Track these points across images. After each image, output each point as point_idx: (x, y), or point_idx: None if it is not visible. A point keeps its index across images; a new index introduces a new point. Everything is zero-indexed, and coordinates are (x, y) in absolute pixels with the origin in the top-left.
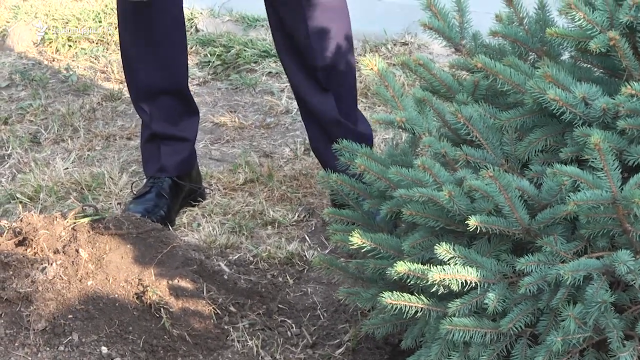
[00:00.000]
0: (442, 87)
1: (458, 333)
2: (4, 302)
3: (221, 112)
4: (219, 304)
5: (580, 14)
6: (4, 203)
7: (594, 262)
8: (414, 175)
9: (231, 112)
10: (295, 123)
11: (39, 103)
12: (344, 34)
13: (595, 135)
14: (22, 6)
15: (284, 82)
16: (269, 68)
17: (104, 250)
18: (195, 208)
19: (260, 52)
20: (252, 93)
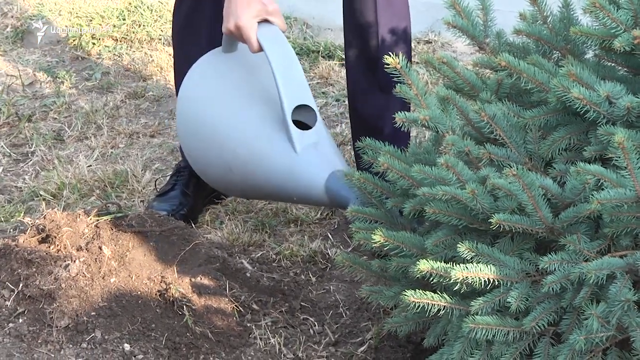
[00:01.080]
0: (465, 86)
1: (481, 331)
2: (27, 299)
3: None
4: (241, 302)
5: (604, 13)
6: (28, 200)
7: (617, 261)
8: (437, 173)
9: None
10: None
11: (63, 100)
12: (408, 34)
13: (619, 134)
14: (46, 4)
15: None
16: None
17: (127, 248)
18: (218, 206)
19: None
20: None
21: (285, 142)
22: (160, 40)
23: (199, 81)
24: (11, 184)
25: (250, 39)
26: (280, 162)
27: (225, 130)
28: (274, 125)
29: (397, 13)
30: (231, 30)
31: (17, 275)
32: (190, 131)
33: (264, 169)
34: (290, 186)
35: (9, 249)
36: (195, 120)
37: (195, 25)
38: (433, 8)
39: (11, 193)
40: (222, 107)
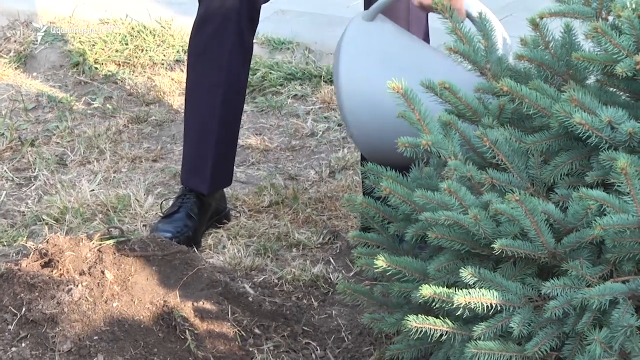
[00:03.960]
0: (467, 111)
1: (483, 357)
2: (29, 323)
3: (247, 135)
4: (243, 326)
5: (606, 38)
6: (30, 224)
7: (619, 287)
8: (439, 198)
9: (257, 135)
10: (320, 146)
11: (65, 125)
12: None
13: (621, 160)
14: (50, 28)
15: (309, 105)
16: (294, 91)
17: (130, 272)
18: (220, 230)
19: (286, 75)
20: (277, 116)
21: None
22: (163, 65)
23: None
24: (14, 208)
25: (462, 8)
26: None
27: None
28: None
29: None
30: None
31: (20, 299)
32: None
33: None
34: None
35: (12, 273)
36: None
37: (214, 55)
38: (435, 33)
39: (14, 217)
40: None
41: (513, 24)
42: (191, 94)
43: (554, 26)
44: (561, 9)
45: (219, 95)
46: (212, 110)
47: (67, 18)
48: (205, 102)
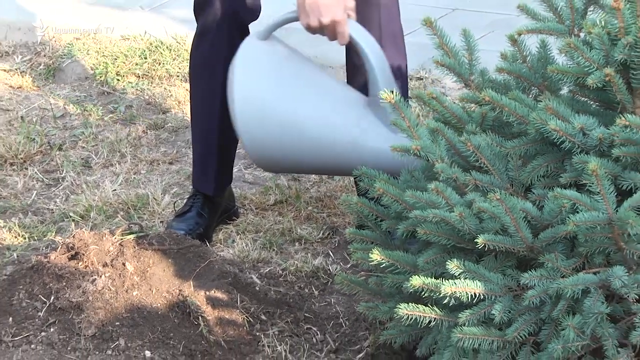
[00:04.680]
0: (453, 119)
1: (468, 341)
2: (57, 311)
3: None
4: (251, 313)
5: (578, 53)
6: (58, 221)
7: (591, 277)
8: (428, 198)
9: None
10: None
11: (90, 131)
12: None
13: (592, 163)
14: (76, 44)
15: None
16: None
17: (148, 264)
18: (230, 226)
19: None
20: None
21: (380, 124)
22: (178, 77)
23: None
24: (44, 206)
25: (345, 32)
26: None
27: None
28: (361, 109)
29: (399, 52)
30: (324, 25)
31: (49, 288)
32: (255, 118)
33: (361, 150)
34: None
35: (42, 265)
36: (262, 106)
37: (212, 64)
38: (424, 48)
39: (44, 214)
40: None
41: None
42: (193, 103)
43: (531, 42)
44: (537, 27)
45: (216, 103)
46: (212, 117)
47: (92, 35)
48: (205, 111)
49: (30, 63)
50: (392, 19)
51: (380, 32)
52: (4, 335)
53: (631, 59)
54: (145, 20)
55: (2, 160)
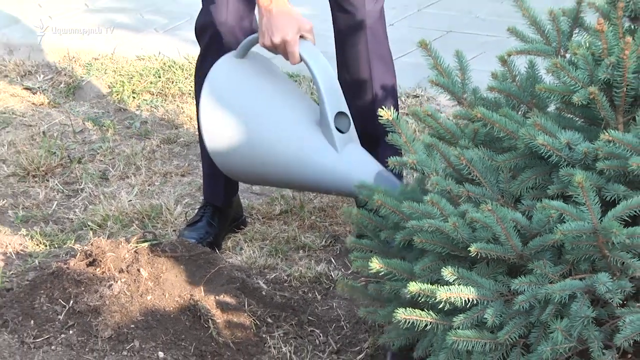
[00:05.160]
0: (447, 134)
1: (462, 343)
2: (76, 314)
3: None
4: (258, 316)
5: (564, 72)
6: (77, 230)
7: (577, 283)
8: (423, 208)
9: None
10: None
11: (108, 145)
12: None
13: (578, 175)
14: (94, 64)
15: None
16: None
17: (161, 270)
18: (238, 234)
19: None
20: None
21: (324, 142)
22: (190, 94)
23: (225, 84)
24: (64, 216)
25: (295, 52)
26: (322, 160)
27: (260, 130)
28: (309, 127)
29: (388, 70)
30: (275, 44)
31: (68, 293)
32: (218, 132)
33: (304, 165)
34: (331, 181)
35: (62, 271)
36: (224, 122)
37: None
38: (420, 68)
39: (64, 223)
40: (252, 110)
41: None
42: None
43: (520, 62)
44: (526, 48)
45: None
46: None
47: (109, 55)
48: None
49: (51, 82)
50: (379, 41)
51: (368, 53)
52: (26, 337)
53: (614, 78)
54: (159, 42)
55: (25, 173)
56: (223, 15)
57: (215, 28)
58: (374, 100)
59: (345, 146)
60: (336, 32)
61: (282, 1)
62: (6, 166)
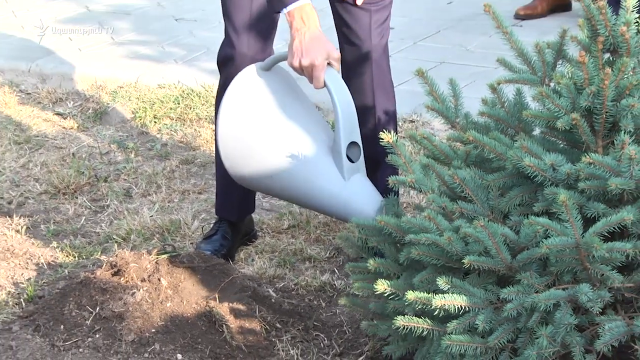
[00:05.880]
0: (441, 155)
1: (455, 347)
2: (102, 319)
3: None
4: (267, 322)
5: (549, 100)
6: (103, 243)
7: (561, 293)
8: (420, 224)
9: None
10: None
11: (131, 166)
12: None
13: (562, 194)
14: (119, 92)
15: None
16: None
17: (180, 279)
18: (250, 247)
19: None
20: None
21: (333, 168)
22: (206, 119)
23: (248, 90)
24: (91, 230)
25: (320, 78)
26: (328, 186)
27: (273, 144)
28: (322, 151)
29: (389, 98)
30: (303, 67)
31: (95, 300)
32: (236, 143)
33: (310, 187)
34: (334, 206)
35: (89, 280)
36: (241, 126)
37: None
38: (416, 95)
39: (91, 237)
40: (270, 121)
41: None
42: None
43: (508, 90)
44: (513, 77)
45: None
46: None
47: (133, 84)
48: None
49: (80, 108)
50: (383, 72)
51: (373, 84)
52: (56, 340)
53: (594, 105)
54: (179, 72)
55: (56, 191)
56: (244, 47)
57: (237, 59)
58: (376, 125)
59: (352, 175)
60: (343, 62)
61: (315, 27)
62: (39, 184)
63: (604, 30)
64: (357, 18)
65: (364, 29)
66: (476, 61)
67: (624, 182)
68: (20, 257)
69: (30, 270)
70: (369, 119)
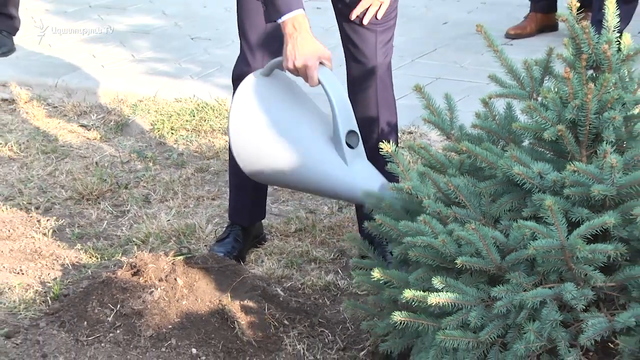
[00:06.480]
0: (437, 164)
1: (449, 341)
2: (123, 316)
3: None
4: (276, 318)
5: (537, 113)
6: (124, 245)
7: (547, 291)
8: (417, 227)
9: None
10: None
11: (150, 174)
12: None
13: (548, 200)
14: (139, 105)
15: None
16: None
17: (195, 279)
18: (259, 249)
19: None
20: None
21: (335, 156)
22: (220, 131)
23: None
24: (112, 233)
25: (314, 76)
26: (333, 171)
27: (284, 143)
28: (324, 141)
29: (391, 112)
30: (297, 68)
31: (116, 298)
32: (247, 142)
33: (317, 175)
34: (340, 189)
35: (110, 280)
36: (253, 133)
37: None
38: (414, 108)
39: (112, 240)
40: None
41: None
42: (230, 154)
43: (499, 104)
44: (504, 92)
45: None
46: None
47: (152, 98)
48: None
49: (103, 120)
50: (386, 88)
51: (377, 99)
52: (80, 335)
53: (578, 118)
54: (194, 87)
55: (81, 197)
56: (259, 65)
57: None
58: (378, 137)
59: (353, 160)
60: (349, 78)
61: (306, 31)
62: (65, 191)
63: (587, 49)
64: (364, 38)
65: (370, 48)
66: (469, 77)
67: (606, 188)
68: (47, 258)
69: (56, 270)
70: (373, 130)
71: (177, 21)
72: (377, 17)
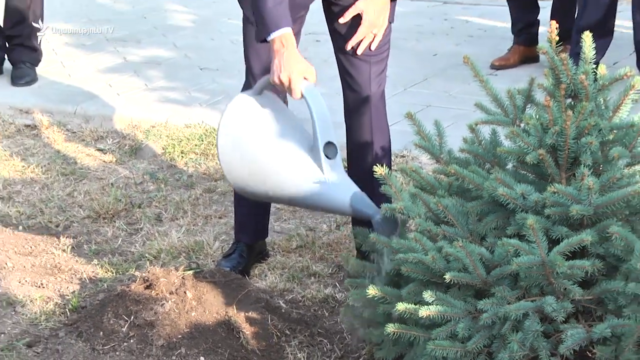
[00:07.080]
0: (427, 186)
1: (439, 351)
2: (136, 327)
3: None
4: (278, 329)
5: (519, 138)
6: (137, 260)
7: (529, 304)
8: (408, 244)
9: None
10: None
11: (161, 194)
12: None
13: (530, 219)
14: (152, 130)
15: None
16: None
17: (203, 292)
18: (263, 264)
19: None
20: None
21: (313, 165)
22: None
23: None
24: (127, 249)
25: (297, 90)
26: (311, 180)
27: (266, 155)
28: (303, 153)
29: (385, 138)
30: (282, 81)
31: (130, 310)
32: (233, 155)
33: (296, 183)
34: (318, 200)
35: (125, 293)
36: (239, 147)
37: None
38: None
39: (126, 255)
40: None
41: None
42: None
43: (485, 130)
44: (489, 119)
45: None
46: None
47: (163, 124)
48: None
49: (118, 144)
50: (380, 115)
51: (371, 125)
52: (96, 344)
53: (558, 143)
54: (203, 114)
55: (97, 216)
56: None
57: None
58: (373, 160)
59: (330, 169)
60: (346, 106)
61: (292, 47)
62: (82, 210)
63: (566, 79)
64: (359, 69)
65: (365, 78)
66: (458, 105)
67: (583, 208)
68: (66, 272)
69: (75, 284)
70: (368, 154)
71: (187, 53)
72: (370, 48)
